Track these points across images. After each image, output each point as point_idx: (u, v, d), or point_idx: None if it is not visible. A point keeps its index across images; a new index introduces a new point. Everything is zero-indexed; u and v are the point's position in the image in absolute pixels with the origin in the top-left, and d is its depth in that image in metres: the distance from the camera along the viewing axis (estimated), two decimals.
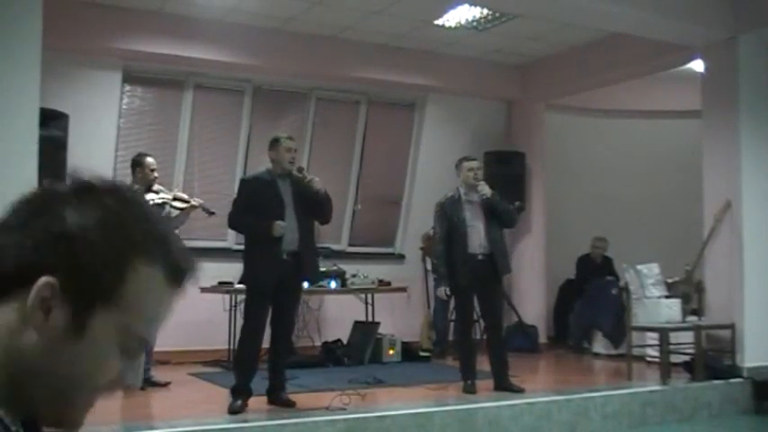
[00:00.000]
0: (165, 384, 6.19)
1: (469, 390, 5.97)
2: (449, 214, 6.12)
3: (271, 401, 5.38)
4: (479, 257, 6.02)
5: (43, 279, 0.82)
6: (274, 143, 5.55)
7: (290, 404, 5.32)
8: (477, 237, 6.04)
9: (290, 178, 5.47)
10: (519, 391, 5.94)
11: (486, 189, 6.04)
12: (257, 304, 5.34)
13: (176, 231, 6.25)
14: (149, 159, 6.29)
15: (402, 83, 8.78)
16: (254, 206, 5.40)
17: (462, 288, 6.07)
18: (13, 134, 4.65)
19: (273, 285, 5.29)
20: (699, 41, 7.21)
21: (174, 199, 6.25)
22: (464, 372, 6.09)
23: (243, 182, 5.74)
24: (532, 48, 8.66)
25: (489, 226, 6.05)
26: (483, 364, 6.18)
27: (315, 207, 5.48)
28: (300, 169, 5.52)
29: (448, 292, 6.13)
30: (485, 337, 6.38)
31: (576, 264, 9.46)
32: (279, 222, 5.28)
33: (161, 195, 6.20)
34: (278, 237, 5.26)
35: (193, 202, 6.33)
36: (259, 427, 4.88)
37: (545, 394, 5.97)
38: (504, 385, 6.01)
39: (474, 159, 6.31)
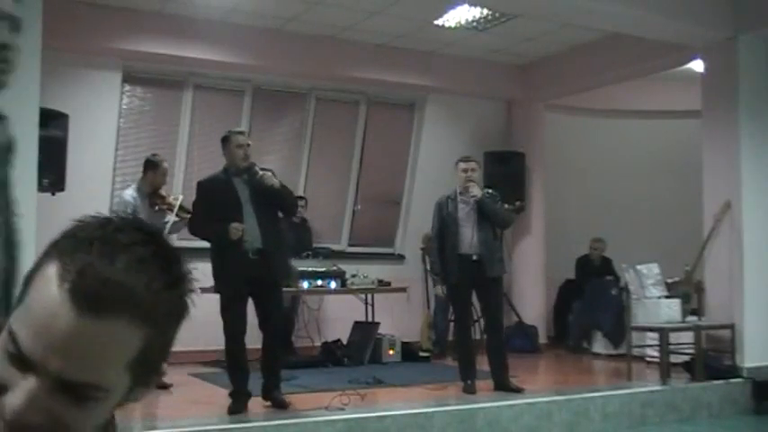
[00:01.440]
0: (167, 387, 6.16)
1: (469, 390, 5.97)
2: (444, 213, 6.13)
3: (265, 400, 5.29)
4: (473, 258, 6.00)
5: None
6: (224, 140, 5.39)
7: (283, 405, 5.22)
8: (467, 237, 6.03)
9: (248, 174, 5.28)
10: (519, 391, 5.94)
11: (475, 190, 6.01)
12: (232, 306, 5.20)
13: (173, 236, 6.35)
14: (166, 165, 6.37)
15: (402, 83, 8.78)
16: (212, 208, 5.24)
17: (454, 286, 6.08)
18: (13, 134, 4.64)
19: (245, 285, 5.17)
20: (699, 41, 7.21)
21: (180, 208, 6.30)
22: (464, 372, 6.09)
23: (199, 184, 5.50)
24: (532, 48, 8.66)
25: (480, 227, 6.03)
26: (483, 364, 6.18)
27: (275, 201, 5.33)
28: (252, 165, 5.30)
29: (444, 291, 6.17)
30: (485, 337, 6.38)
31: (576, 264, 9.46)
32: (234, 225, 5.09)
33: (168, 201, 6.26)
34: (236, 239, 5.08)
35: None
36: (258, 427, 4.87)
37: (545, 394, 5.97)
38: (503, 385, 6.01)
39: (469, 160, 6.20)
